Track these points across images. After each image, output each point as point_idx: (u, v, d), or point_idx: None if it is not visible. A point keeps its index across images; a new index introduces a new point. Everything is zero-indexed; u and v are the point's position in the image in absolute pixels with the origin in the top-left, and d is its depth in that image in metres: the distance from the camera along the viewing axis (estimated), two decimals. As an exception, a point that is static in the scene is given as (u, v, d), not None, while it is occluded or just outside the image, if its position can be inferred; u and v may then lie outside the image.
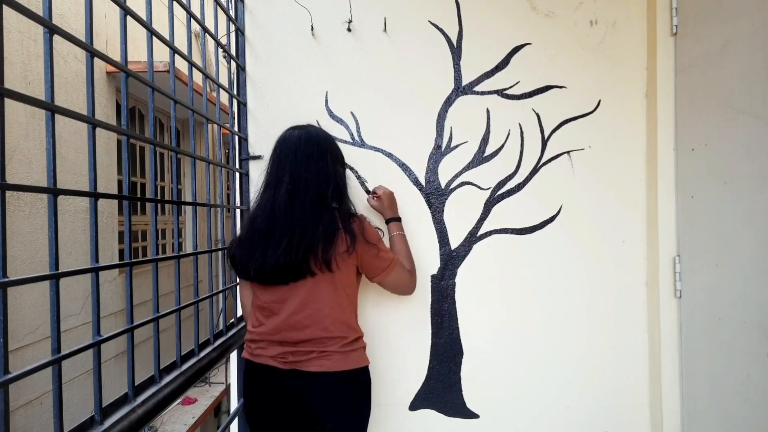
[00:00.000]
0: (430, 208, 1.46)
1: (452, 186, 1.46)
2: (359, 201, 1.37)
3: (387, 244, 1.29)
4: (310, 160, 1.13)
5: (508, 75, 1.44)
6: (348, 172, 1.33)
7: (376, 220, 1.34)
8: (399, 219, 1.34)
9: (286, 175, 1.11)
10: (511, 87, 1.45)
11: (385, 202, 1.33)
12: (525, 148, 1.45)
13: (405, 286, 1.26)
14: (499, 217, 1.45)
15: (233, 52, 1.44)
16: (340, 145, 1.45)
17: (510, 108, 1.45)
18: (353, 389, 1.15)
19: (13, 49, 2.41)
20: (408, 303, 1.45)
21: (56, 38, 0.68)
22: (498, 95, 1.45)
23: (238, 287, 1.47)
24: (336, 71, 1.46)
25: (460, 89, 1.45)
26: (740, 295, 1.12)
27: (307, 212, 1.08)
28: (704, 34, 1.24)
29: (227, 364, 3.74)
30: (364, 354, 1.18)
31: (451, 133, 1.46)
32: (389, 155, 1.46)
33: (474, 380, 1.45)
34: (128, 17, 0.88)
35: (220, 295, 1.32)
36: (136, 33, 0.97)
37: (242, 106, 1.47)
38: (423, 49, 1.45)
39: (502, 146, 1.45)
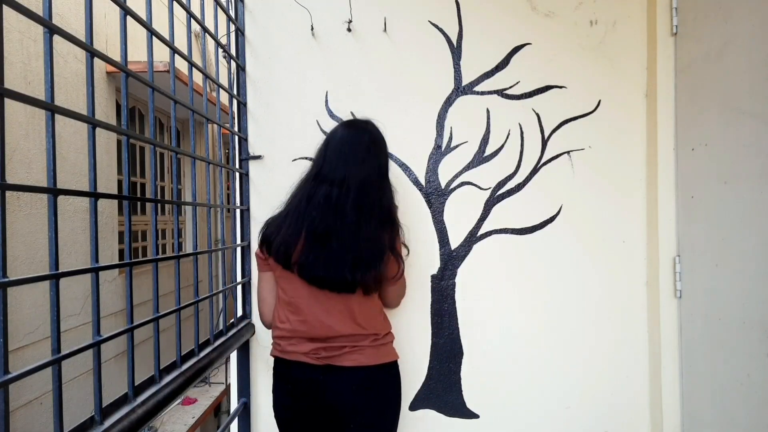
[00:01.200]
0: (430, 208, 1.46)
1: (452, 186, 1.46)
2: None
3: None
4: (375, 169, 1.13)
5: (508, 75, 1.44)
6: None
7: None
8: None
9: (353, 178, 1.09)
10: (511, 87, 1.45)
11: None
12: (525, 148, 1.45)
13: (399, 298, 1.28)
14: (499, 217, 1.45)
15: (233, 52, 1.44)
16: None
17: (510, 108, 1.45)
18: (387, 382, 1.16)
19: (13, 49, 2.41)
20: (408, 303, 1.45)
21: (56, 38, 0.68)
22: (498, 95, 1.45)
23: (241, 286, 1.47)
24: (336, 71, 1.46)
25: (460, 89, 1.45)
26: (740, 295, 1.12)
27: (373, 234, 1.08)
28: (704, 34, 1.24)
29: (227, 364, 3.74)
30: (393, 348, 1.20)
31: (451, 133, 1.46)
32: (389, 155, 1.45)
33: (474, 380, 1.45)
34: (128, 17, 0.88)
35: (220, 295, 1.32)
36: (136, 33, 0.97)
37: (242, 106, 1.47)
38: (423, 49, 1.45)
39: (502, 146, 1.45)
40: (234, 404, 1.44)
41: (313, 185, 1.11)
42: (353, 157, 1.11)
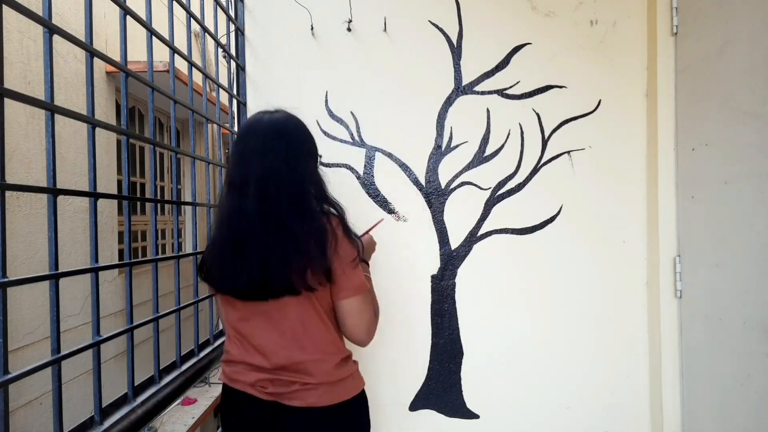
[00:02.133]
0: (430, 208, 1.45)
1: (452, 186, 1.46)
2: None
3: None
4: (279, 158, 0.93)
5: (508, 75, 1.44)
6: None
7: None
8: (367, 263, 1.14)
9: (252, 176, 0.91)
10: (511, 87, 1.44)
11: (367, 243, 1.14)
12: (525, 148, 1.45)
13: (368, 324, 0.99)
14: (499, 217, 1.45)
15: (233, 51, 1.44)
16: (341, 144, 1.46)
17: (510, 108, 1.45)
18: (349, 423, 0.98)
19: (13, 49, 2.41)
20: (408, 303, 1.45)
21: (56, 38, 0.68)
22: (498, 95, 1.45)
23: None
24: (336, 71, 1.46)
25: (460, 89, 1.45)
26: (740, 295, 1.12)
27: (284, 224, 0.90)
28: (704, 34, 1.24)
29: (227, 364, 3.72)
30: (356, 378, 1.01)
31: (451, 133, 1.46)
32: (389, 155, 1.46)
33: (474, 380, 1.45)
34: (128, 17, 0.87)
35: (220, 295, 1.32)
36: (136, 33, 0.97)
37: (242, 106, 1.47)
38: (423, 49, 1.45)
39: (502, 146, 1.45)
40: (234, 404, 1.44)
41: (223, 195, 0.98)
42: (250, 152, 0.94)
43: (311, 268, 0.90)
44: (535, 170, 1.45)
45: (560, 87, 1.44)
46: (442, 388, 1.46)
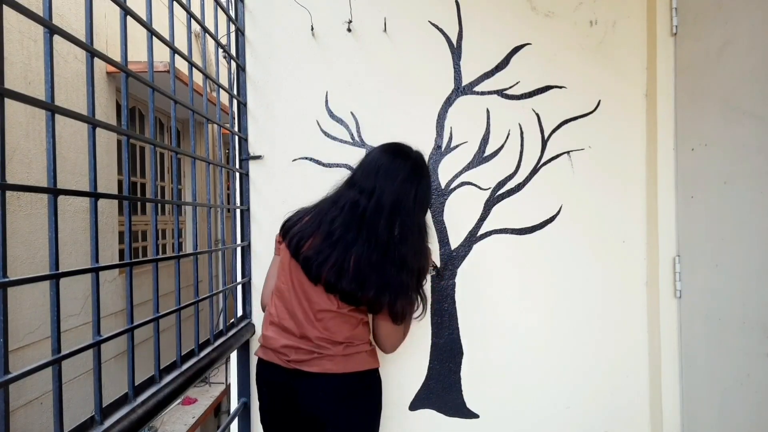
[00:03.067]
0: (430, 208, 1.46)
1: (452, 186, 1.46)
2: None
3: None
4: (411, 197, 1.08)
5: (508, 75, 1.44)
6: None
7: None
8: None
9: (384, 196, 1.05)
10: (511, 87, 1.45)
11: None
12: (525, 148, 1.45)
13: (393, 343, 1.19)
14: (498, 217, 1.45)
15: (233, 52, 1.44)
16: (341, 145, 1.46)
17: (510, 108, 1.45)
18: (360, 392, 1.12)
19: (13, 49, 2.41)
20: (408, 303, 1.45)
21: (56, 38, 0.68)
22: (498, 95, 1.45)
23: (241, 286, 1.47)
24: (336, 71, 1.46)
25: (460, 89, 1.45)
26: (740, 295, 1.12)
27: (403, 257, 1.05)
28: (704, 34, 1.24)
29: (227, 364, 3.74)
30: (370, 357, 1.15)
31: (451, 133, 1.46)
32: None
33: (474, 380, 1.45)
34: (128, 17, 0.88)
35: (220, 295, 1.32)
36: (136, 33, 0.97)
37: (242, 106, 1.47)
38: (423, 49, 1.45)
39: (502, 146, 1.45)
40: (234, 404, 1.44)
41: (342, 190, 1.12)
42: (387, 172, 1.08)
43: (393, 298, 1.06)
44: (534, 170, 1.45)
45: (560, 87, 1.44)
46: (442, 388, 1.46)
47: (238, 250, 1.49)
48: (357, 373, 1.11)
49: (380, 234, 1.05)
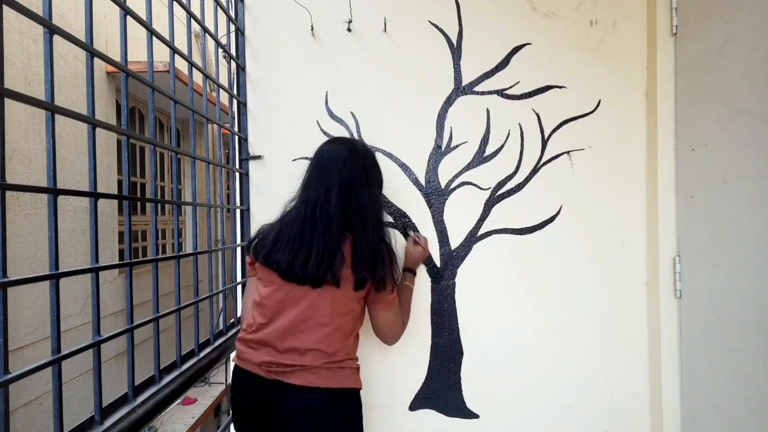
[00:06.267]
0: (430, 208, 1.46)
1: (452, 186, 1.46)
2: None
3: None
4: (362, 174, 1.13)
5: (508, 75, 1.44)
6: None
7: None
8: (415, 273, 1.36)
9: (334, 183, 1.09)
10: (511, 87, 1.45)
11: (420, 255, 1.36)
12: (525, 148, 1.45)
13: (394, 333, 1.22)
14: (499, 217, 1.45)
15: (233, 52, 1.44)
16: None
17: (510, 108, 1.45)
18: (339, 412, 1.08)
19: (13, 49, 2.41)
20: (408, 303, 1.45)
21: (56, 38, 0.68)
22: (498, 95, 1.45)
23: (241, 286, 1.47)
24: (336, 71, 1.46)
25: (460, 89, 1.45)
26: (740, 295, 1.12)
27: (362, 227, 1.08)
28: (704, 34, 1.24)
29: (227, 364, 3.73)
30: (355, 375, 1.13)
31: (451, 133, 1.46)
32: (389, 155, 1.46)
33: (474, 380, 1.45)
34: (128, 17, 0.88)
35: (220, 295, 1.32)
36: (136, 33, 0.97)
37: (242, 106, 1.47)
38: (423, 49, 1.45)
39: (502, 146, 1.45)
40: (234, 404, 1.44)
41: (300, 204, 1.12)
42: (335, 161, 1.12)
43: (369, 272, 1.06)
44: (534, 170, 1.45)
45: (560, 87, 1.44)
46: (442, 388, 1.46)
47: (238, 250, 1.49)
48: (339, 391, 1.07)
49: (337, 217, 1.07)
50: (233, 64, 1.45)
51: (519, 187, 1.45)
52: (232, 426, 1.40)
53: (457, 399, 1.46)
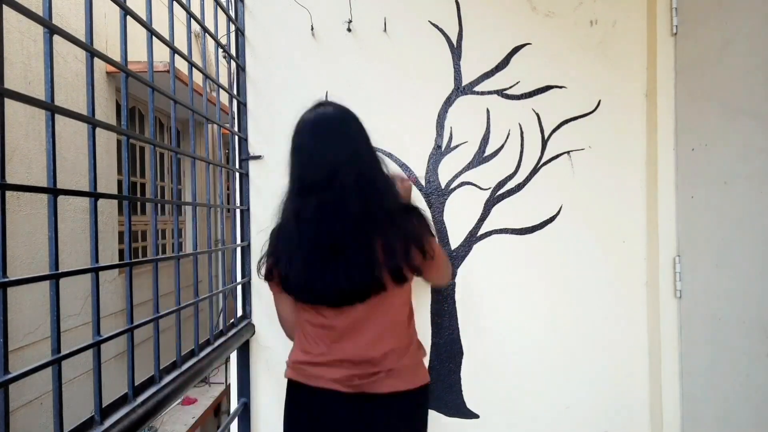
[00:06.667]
0: (430, 208, 1.46)
1: (452, 186, 1.46)
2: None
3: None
4: (364, 147, 0.98)
5: (508, 75, 1.44)
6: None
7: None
8: None
9: (345, 174, 0.93)
10: (511, 87, 1.45)
11: (409, 191, 1.25)
12: (525, 148, 1.45)
13: (448, 272, 1.24)
14: (499, 217, 1.45)
15: (233, 52, 1.44)
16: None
17: (510, 108, 1.45)
18: (423, 409, 1.08)
19: (13, 49, 2.41)
20: (408, 303, 1.45)
21: (56, 38, 0.68)
22: (498, 95, 1.45)
23: (241, 287, 1.47)
24: (336, 71, 1.46)
25: (460, 89, 1.45)
26: (740, 295, 1.12)
27: (382, 216, 0.95)
28: (704, 34, 1.24)
29: (227, 364, 3.74)
30: (424, 366, 1.11)
31: (451, 133, 1.46)
32: (389, 155, 1.46)
33: (474, 380, 1.45)
34: (128, 17, 0.88)
35: (220, 295, 1.32)
36: (136, 33, 0.97)
37: (242, 106, 1.47)
38: (423, 49, 1.45)
39: (502, 146, 1.45)
40: (234, 404, 1.44)
41: (298, 200, 0.99)
42: (332, 140, 0.96)
43: (415, 248, 0.98)
44: (534, 170, 1.45)
45: (560, 87, 1.44)
46: (442, 388, 1.46)
47: (238, 250, 1.49)
48: (422, 389, 1.04)
49: (361, 216, 0.95)
50: (233, 64, 1.45)
51: (519, 187, 1.45)
52: (234, 425, 1.40)
53: (457, 399, 1.45)
